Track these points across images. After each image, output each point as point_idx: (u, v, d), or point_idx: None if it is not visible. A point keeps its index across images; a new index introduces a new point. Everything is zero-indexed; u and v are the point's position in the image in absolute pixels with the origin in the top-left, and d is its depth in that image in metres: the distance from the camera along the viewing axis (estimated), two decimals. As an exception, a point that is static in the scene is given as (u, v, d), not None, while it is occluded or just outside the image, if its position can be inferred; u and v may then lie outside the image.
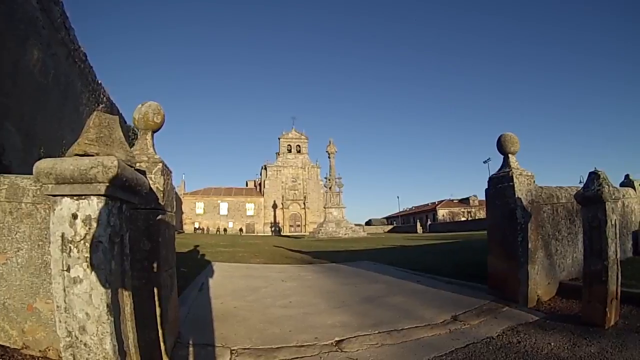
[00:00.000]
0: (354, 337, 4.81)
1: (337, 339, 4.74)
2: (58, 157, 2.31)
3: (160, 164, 4.25)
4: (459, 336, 4.74)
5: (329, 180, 55.06)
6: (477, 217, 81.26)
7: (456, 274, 8.92)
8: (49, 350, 3.73)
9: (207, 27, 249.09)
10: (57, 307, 2.20)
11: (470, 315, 5.60)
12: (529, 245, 6.14)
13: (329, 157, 55.40)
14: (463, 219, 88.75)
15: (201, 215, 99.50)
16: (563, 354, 4.01)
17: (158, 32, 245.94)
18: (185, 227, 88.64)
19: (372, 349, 4.44)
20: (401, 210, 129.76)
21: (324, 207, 56.22)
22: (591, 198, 4.99)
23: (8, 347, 3.76)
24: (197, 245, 21.43)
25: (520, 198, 6.22)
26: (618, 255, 4.91)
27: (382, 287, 8.10)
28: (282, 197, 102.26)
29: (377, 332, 4.98)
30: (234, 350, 4.38)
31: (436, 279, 8.66)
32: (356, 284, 8.58)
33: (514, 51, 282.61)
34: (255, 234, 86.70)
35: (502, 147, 6.66)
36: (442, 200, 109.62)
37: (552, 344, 4.29)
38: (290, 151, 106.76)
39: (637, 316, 5.00)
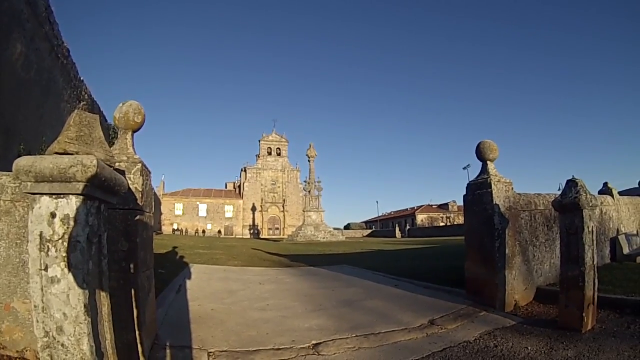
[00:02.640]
0: (331, 340, 4.82)
1: (314, 342, 4.75)
2: (38, 154, 2.30)
3: (140, 164, 4.23)
4: (436, 340, 4.77)
5: (309, 183, 54.93)
6: (455, 223, 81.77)
7: (434, 279, 8.96)
8: (27, 350, 3.69)
9: (188, 29, 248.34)
10: (35, 306, 2.17)
11: (448, 319, 5.63)
12: (507, 251, 6.21)
13: (308, 161, 55.33)
14: (442, 224, 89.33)
15: (180, 216, 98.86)
16: (540, 357, 4.06)
17: (140, 32, 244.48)
18: (164, 228, 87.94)
19: (349, 352, 4.46)
20: (380, 214, 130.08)
21: (303, 211, 56.18)
22: (569, 205, 5.06)
23: (-15, 347, 3.72)
24: (176, 247, 21.31)
25: (498, 204, 6.28)
26: (595, 261, 5.00)
27: (359, 291, 8.12)
28: (261, 199, 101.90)
29: (354, 335, 4.99)
30: (211, 352, 4.38)
31: (414, 284, 8.70)
32: (334, 288, 8.59)
33: (494, 57, 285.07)
34: (233, 236, 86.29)
35: (481, 154, 6.73)
36: (421, 206, 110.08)
37: (529, 348, 4.33)
38: (270, 154, 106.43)
39: (613, 320, 5.10)
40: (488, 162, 6.73)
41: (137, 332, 3.82)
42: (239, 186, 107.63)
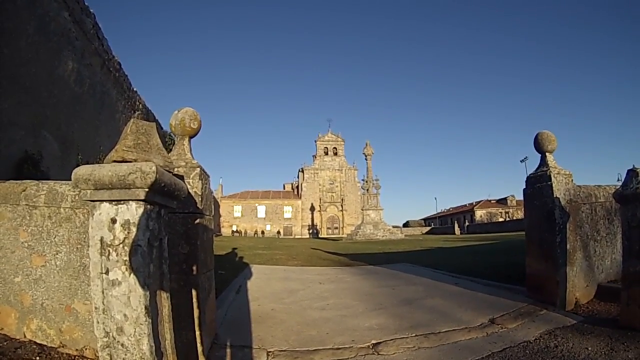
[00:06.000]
0: (391, 339, 4.79)
1: (374, 341, 4.73)
2: (96, 163, 2.38)
3: (198, 169, 4.32)
4: (496, 339, 4.68)
5: (366, 182, 54.53)
6: (515, 218, 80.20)
7: (494, 276, 8.81)
8: (86, 349, 3.85)
9: (241, 31, 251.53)
10: (96, 308, 2.27)
11: (508, 318, 5.53)
12: (568, 246, 6.02)
13: (365, 159, 55.02)
14: (501, 219, 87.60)
15: (239, 218, 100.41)
16: (600, 359, 3.93)
17: (194, 36, 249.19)
18: (223, 230, 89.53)
19: (409, 352, 4.42)
20: (439, 211, 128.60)
21: (362, 209, 55.97)
22: (630, 196, 4.82)
23: (45, 345, 3.92)
24: (235, 248, 21.61)
25: (558, 198, 6.11)
26: (659, 257, 4.78)
27: (419, 290, 8.05)
28: (320, 199, 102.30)
29: (414, 335, 4.94)
30: (270, 351, 4.42)
31: (474, 281, 8.57)
32: (394, 286, 8.54)
33: (549, 50, 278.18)
34: (292, 237, 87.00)
35: (539, 145, 6.57)
36: (480, 201, 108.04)
37: (589, 348, 4.20)
38: (326, 154, 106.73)
39: (678, 321, 4.88)
40: (547, 153, 6.55)
41: (197, 332, 3.91)
42: (297, 187, 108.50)
